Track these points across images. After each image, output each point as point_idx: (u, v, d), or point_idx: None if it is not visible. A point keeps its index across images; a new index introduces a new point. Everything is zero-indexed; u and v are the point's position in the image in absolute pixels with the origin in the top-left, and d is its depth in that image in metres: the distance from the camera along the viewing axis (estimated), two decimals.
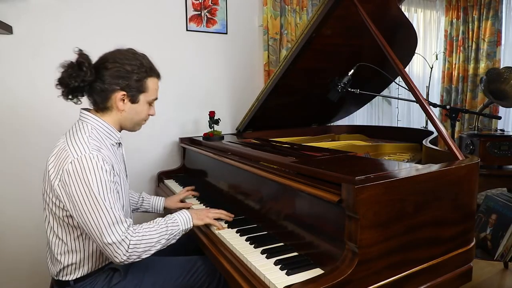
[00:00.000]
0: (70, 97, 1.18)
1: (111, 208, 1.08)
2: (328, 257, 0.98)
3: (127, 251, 1.09)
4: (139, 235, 1.13)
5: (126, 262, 1.11)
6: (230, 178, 1.65)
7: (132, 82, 1.18)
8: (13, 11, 1.89)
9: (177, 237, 1.25)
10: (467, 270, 1.12)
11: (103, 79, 1.16)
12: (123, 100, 1.20)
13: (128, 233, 1.10)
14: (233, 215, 1.40)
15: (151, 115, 1.32)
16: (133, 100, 1.22)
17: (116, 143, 1.28)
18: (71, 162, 1.07)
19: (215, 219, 1.35)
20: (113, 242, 1.07)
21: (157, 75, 1.28)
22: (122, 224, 1.10)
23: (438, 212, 1.03)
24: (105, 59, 1.19)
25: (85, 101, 1.24)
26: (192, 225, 1.29)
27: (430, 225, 1.01)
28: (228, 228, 1.34)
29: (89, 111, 1.22)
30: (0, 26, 1.76)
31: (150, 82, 1.24)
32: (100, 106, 1.21)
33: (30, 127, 1.98)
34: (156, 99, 1.30)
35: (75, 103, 1.20)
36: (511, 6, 3.57)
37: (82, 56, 1.15)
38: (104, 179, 1.08)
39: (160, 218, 1.24)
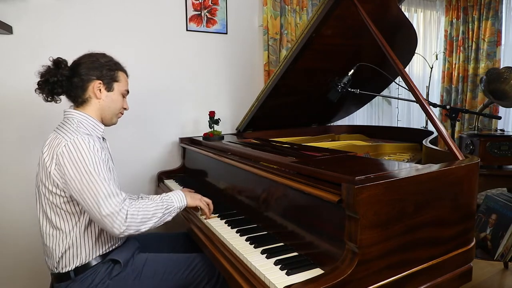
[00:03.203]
0: (49, 98, 1.27)
1: (106, 182, 1.14)
2: (328, 257, 0.98)
3: (125, 221, 1.13)
4: (136, 206, 1.18)
5: (124, 234, 1.15)
6: (230, 178, 1.65)
7: (105, 71, 1.30)
8: (13, 11, 1.89)
9: (173, 214, 1.31)
10: (467, 270, 1.12)
11: (80, 73, 1.27)
12: (100, 89, 1.30)
13: (125, 204, 1.16)
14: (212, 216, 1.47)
15: (125, 108, 1.41)
16: (109, 88, 1.32)
17: (102, 137, 1.36)
18: (64, 146, 1.14)
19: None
20: (111, 213, 1.12)
21: (125, 71, 1.40)
22: (118, 196, 1.15)
23: (438, 212, 1.03)
24: (79, 58, 1.31)
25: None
26: (186, 203, 1.35)
27: (430, 225, 1.01)
28: (228, 227, 1.34)
29: (72, 109, 1.31)
30: (0, 26, 1.76)
31: (121, 74, 1.36)
32: (79, 100, 1.29)
33: (30, 126, 1.98)
34: (127, 92, 1.40)
35: (55, 102, 1.30)
36: (511, 6, 3.57)
37: (58, 58, 1.27)
38: (98, 156, 1.16)
39: (155, 195, 1.31)
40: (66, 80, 1.25)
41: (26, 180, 1.93)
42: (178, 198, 1.33)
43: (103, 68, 1.29)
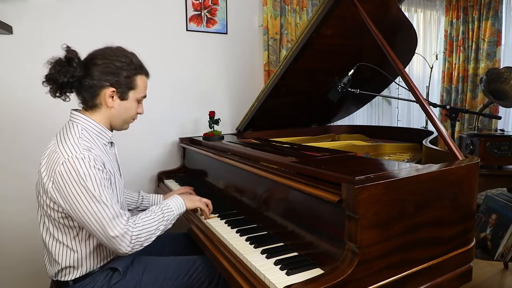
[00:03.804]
0: (58, 94, 1.17)
1: (110, 203, 1.09)
2: (328, 257, 0.98)
3: (130, 242, 1.12)
4: (139, 226, 1.15)
5: (130, 252, 1.14)
6: (230, 178, 1.65)
7: (121, 79, 1.18)
8: (13, 11, 1.89)
9: (173, 222, 1.28)
10: (467, 270, 1.12)
11: (93, 75, 1.15)
12: (112, 96, 1.19)
13: (129, 225, 1.12)
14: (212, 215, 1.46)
15: (140, 113, 1.31)
16: (123, 97, 1.21)
17: (108, 143, 1.27)
18: (62, 164, 1.07)
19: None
20: (117, 236, 1.09)
21: (146, 73, 1.28)
22: (122, 217, 1.12)
23: (438, 212, 1.03)
24: (94, 56, 1.18)
25: (74, 101, 1.23)
26: (185, 209, 1.33)
27: (430, 225, 1.01)
28: (228, 227, 1.34)
29: (79, 112, 1.22)
30: (0, 26, 1.76)
31: (139, 79, 1.24)
32: (89, 104, 1.20)
33: (29, 127, 1.98)
34: (144, 96, 1.29)
35: (64, 100, 1.20)
36: (511, 6, 3.57)
37: (71, 52, 1.14)
38: (98, 176, 1.09)
39: (155, 206, 1.26)
40: (77, 81, 1.15)
41: (26, 180, 1.93)
42: (177, 205, 1.30)
43: (120, 75, 1.17)
